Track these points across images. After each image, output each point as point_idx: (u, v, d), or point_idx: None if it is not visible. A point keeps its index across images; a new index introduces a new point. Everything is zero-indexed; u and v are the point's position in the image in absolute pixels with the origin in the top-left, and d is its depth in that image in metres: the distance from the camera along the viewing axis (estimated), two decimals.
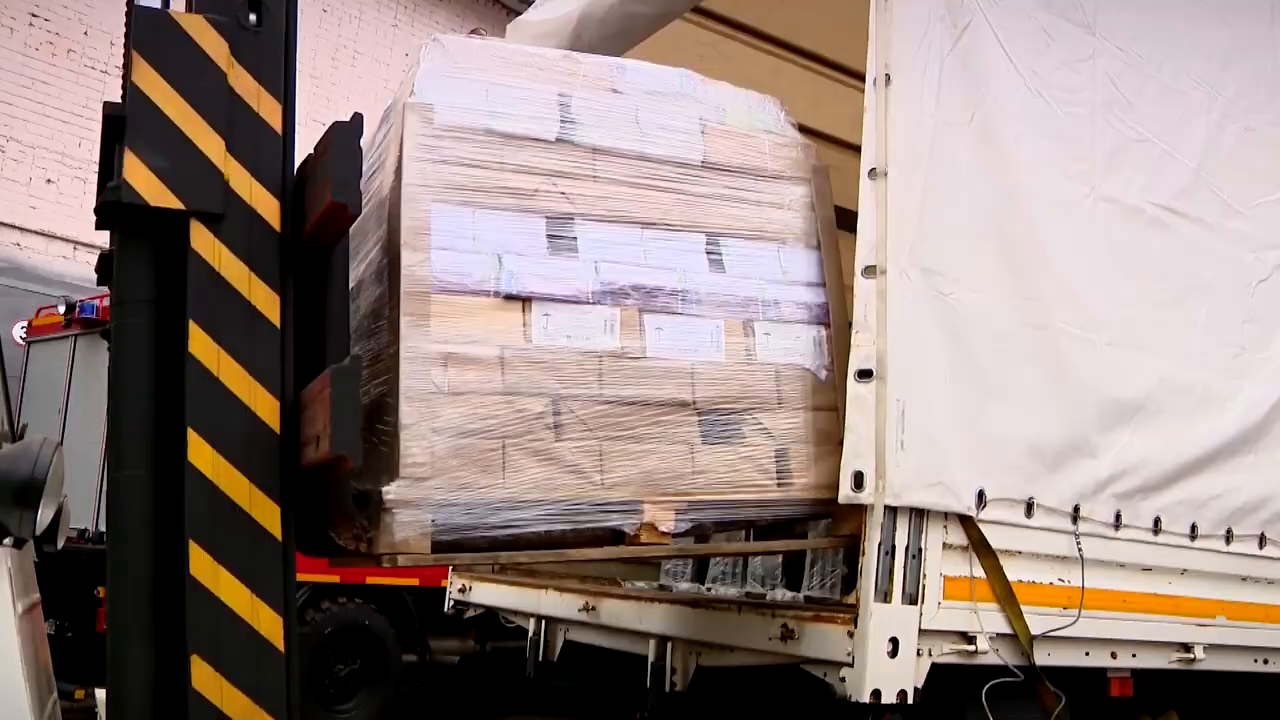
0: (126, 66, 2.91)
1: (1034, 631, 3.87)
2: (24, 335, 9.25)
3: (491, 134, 3.31)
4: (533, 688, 6.20)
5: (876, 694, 3.46)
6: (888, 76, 3.74)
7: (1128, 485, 4.27)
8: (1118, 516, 4.24)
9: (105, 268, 3.15)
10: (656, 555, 4.40)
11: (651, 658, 4.25)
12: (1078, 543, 4.07)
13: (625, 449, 3.32)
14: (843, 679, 3.50)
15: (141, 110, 2.78)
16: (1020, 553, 3.91)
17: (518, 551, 3.28)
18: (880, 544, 3.56)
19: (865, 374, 3.58)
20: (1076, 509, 4.09)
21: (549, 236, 3.35)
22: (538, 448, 3.20)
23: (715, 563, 5.52)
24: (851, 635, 3.51)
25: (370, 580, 8.73)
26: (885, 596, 3.55)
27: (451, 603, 5.67)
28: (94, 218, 2.98)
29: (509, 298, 3.24)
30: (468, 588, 5.56)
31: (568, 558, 3.57)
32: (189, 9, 2.97)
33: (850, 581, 4.39)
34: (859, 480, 3.53)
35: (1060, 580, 4.03)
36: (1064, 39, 4.30)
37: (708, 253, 3.60)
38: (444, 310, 3.13)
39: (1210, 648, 4.60)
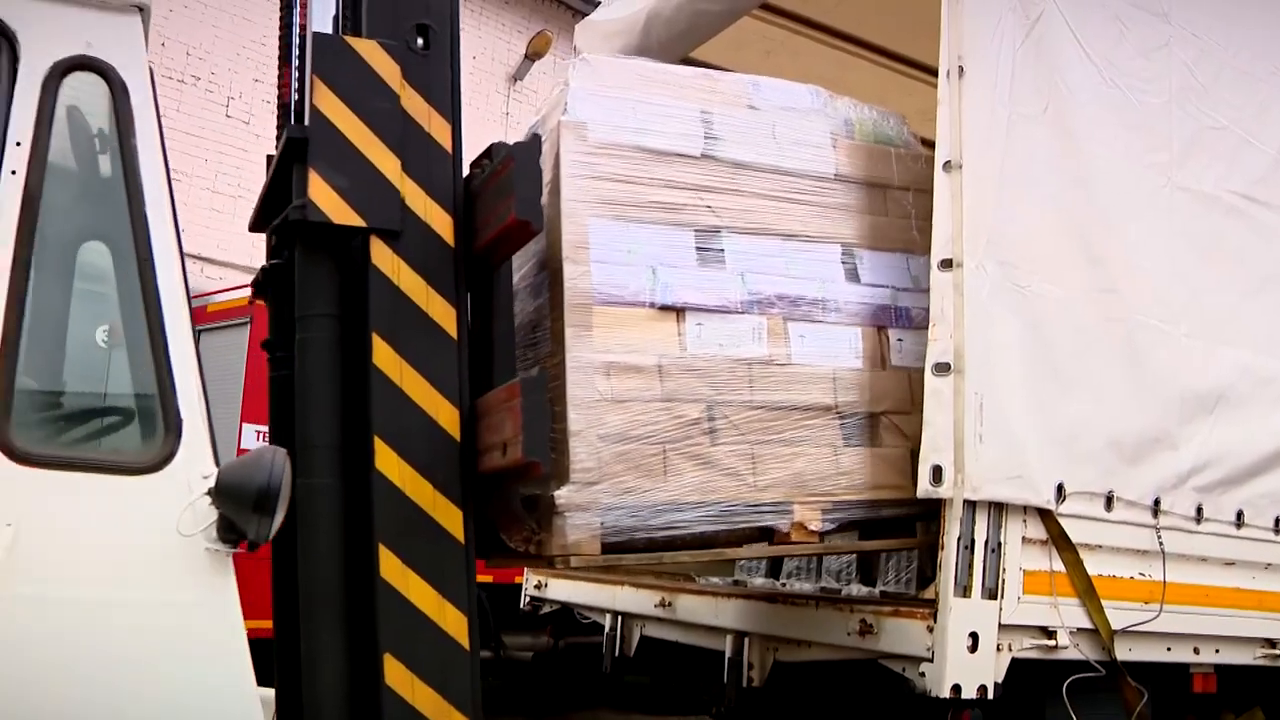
0: (294, 90, 3.21)
1: (1115, 626, 3.81)
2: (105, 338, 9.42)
3: (641, 150, 3.45)
4: (607, 683, 6.21)
5: (956, 689, 3.43)
6: (961, 68, 3.70)
7: (1209, 478, 4.19)
8: (1199, 510, 4.17)
9: (264, 283, 3.38)
10: (803, 553, 4.46)
11: (728, 653, 4.24)
12: (1159, 536, 4.00)
13: (775, 452, 3.45)
14: (922, 674, 3.47)
15: (323, 132, 2.92)
16: (1100, 547, 3.85)
17: (679, 551, 3.39)
18: (959, 538, 3.52)
19: (943, 368, 3.54)
20: (1157, 502, 4.02)
21: (697, 249, 3.50)
22: (695, 452, 3.33)
23: (790, 558, 5.49)
24: (931, 630, 3.47)
25: None
26: (965, 591, 3.51)
27: (528, 599, 5.70)
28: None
29: (663, 308, 3.39)
30: (544, 584, 5.59)
31: (724, 556, 3.75)
32: (338, 30, 3.16)
33: (926, 577, 4.36)
34: (938, 474, 3.50)
35: (1141, 574, 3.96)
36: (1138, 27, 4.23)
37: (843, 263, 3.75)
38: (605, 321, 3.27)
39: None
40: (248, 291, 8.88)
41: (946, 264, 3.61)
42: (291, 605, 2.92)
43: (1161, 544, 3.99)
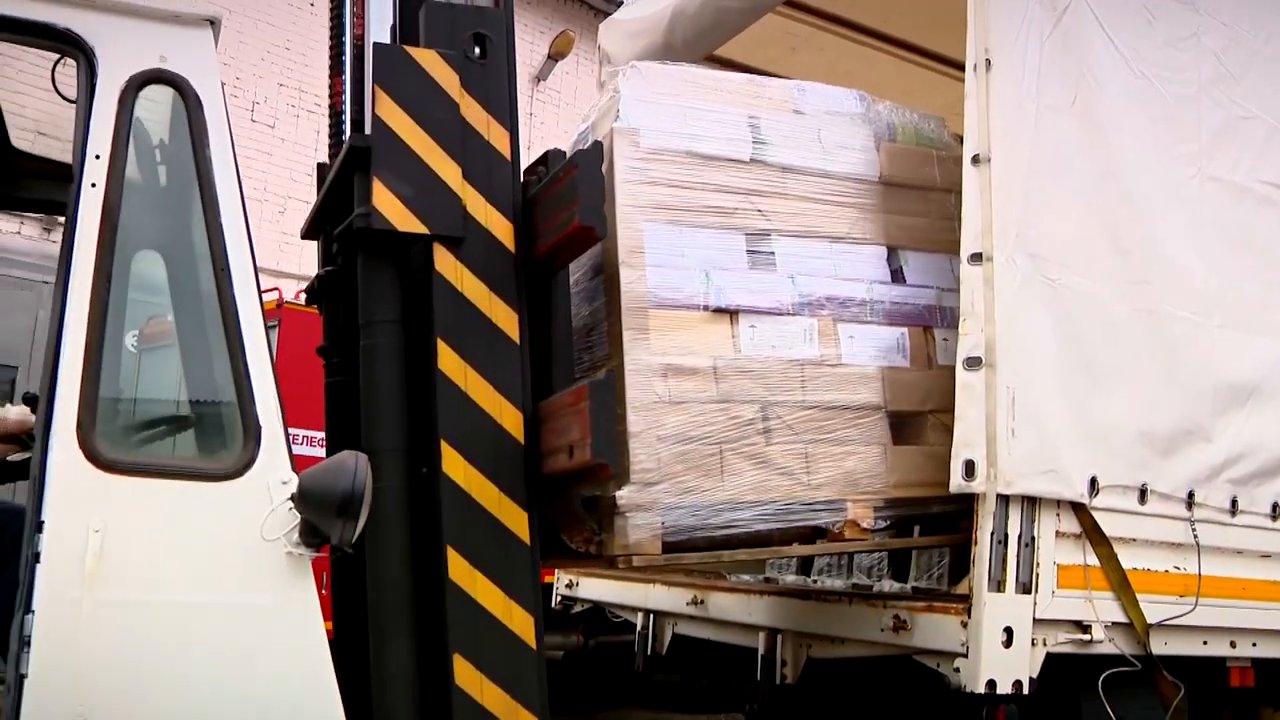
0: (346, 99, 3.32)
1: (1150, 620, 3.80)
2: (135, 343, 9.48)
3: (692, 155, 3.50)
4: (638, 682, 6.21)
5: (991, 684, 3.43)
6: (988, 61, 3.71)
7: (1243, 470, 4.18)
8: (1234, 502, 4.16)
9: (319, 290, 3.45)
10: (856, 550, 4.53)
11: (761, 650, 4.24)
12: (1193, 529, 3.99)
13: (828, 451, 3.50)
14: (957, 669, 3.47)
15: (386, 141, 2.98)
16: (1134, 540, 3.85)
17: (737, 550, 3.44)
18: (993, 533, 3.52)
19: (974, 362, 3.55)
20: (1191, 495, 4.02)
21: (748, 252, 3.55)
22: (751, 451, 3.37)
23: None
24: (965, 625, 3.47)
25: None
26: (999, 586, 3.51)
27: (559, 598, 5.71)
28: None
29: (717, 311, 3.44)
30: (575, 583, 5.60)
31: (781, 554, 3.92)
32: (395, 40, 3.22)
33: (957, 572, 4.35)
34: (970, 469, 3.50)
35: (1176, 568, 3.96)
36: (1166, 17, 4.22)
37: (889, 264, 3.80)
38: (661, 324, 3.32)
39: None
40: (274, 295, 8.93)
41: (976, 258, 3.62)
42: (353, 607, 2.99)
43: (1196, 537, 3.99)
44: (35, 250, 8.53)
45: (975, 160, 3.67)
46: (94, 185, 2.54)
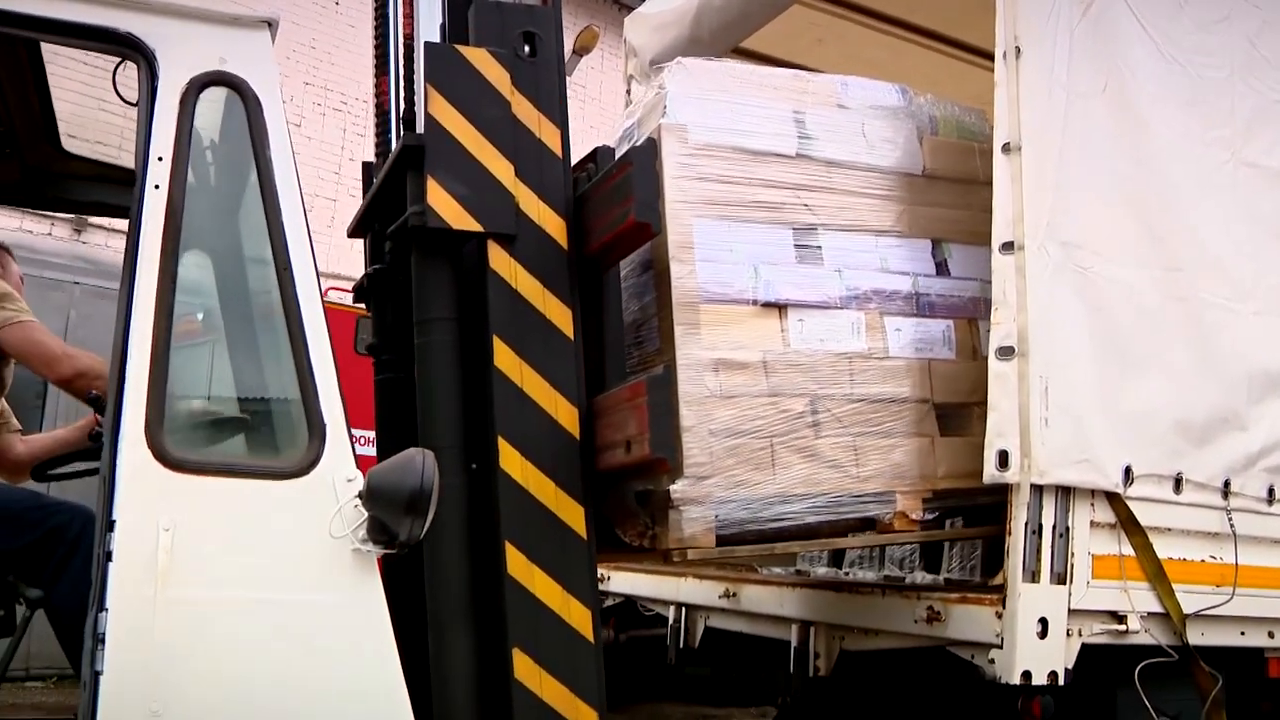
0: (392, 97, 3.38)
1: (1186, 610, 3.78)
2: None
3: (739, 151, 3.51)
4: (669, 675, 6.21)
5: (1027, 675, 3.42)
6: (1018, 49, 3.70)
7: None
8: (1270, 491, 4.16)
9: (367, 288, 3.49)
10: (905, 541, 4.51)
11: (794, 642, 4.24)
12: (1229, 519, 3.98)
13: (877, 443, 3.52)
14: (992, 660, 3.47)
15: (439, 140, 3.01)
16: (1170, 530, 3.84)
17: (789, 542, 3.50)
18: (1027, 523, 3.52)
19: (1006, 351, 3.54)
20: (1227, 484, 4.01)
21: (796, 246, 3.57)
22: (801, 445, 3.40)
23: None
24: (1000, 616, 3.47)
25: None
26: (1033, 576, 3.51)
27: None
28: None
29: (766, 305, 3.46)
30: (606, 577, 5.62)
31: (831, 546, 3.95)
32: (445, 39, 3.25)
33: (990, 563, 4.33)
34: (1004, 459, 3.50)
35: (1212, 557, 3.95)
36: (1198, 0, 4.16)
37: (934, 257, 3.82)
38: (712, 319, 3.34)
39: None
40: None
41: (1008, 247, 3.61)
42: (407, 602, 3.01)
43: (1233, 526, 3.98)
44: (66, 251, 8.59)
45: (1006, 149, 3.67)
46: (157, 187, 2.58)
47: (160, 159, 2.59)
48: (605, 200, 3.09)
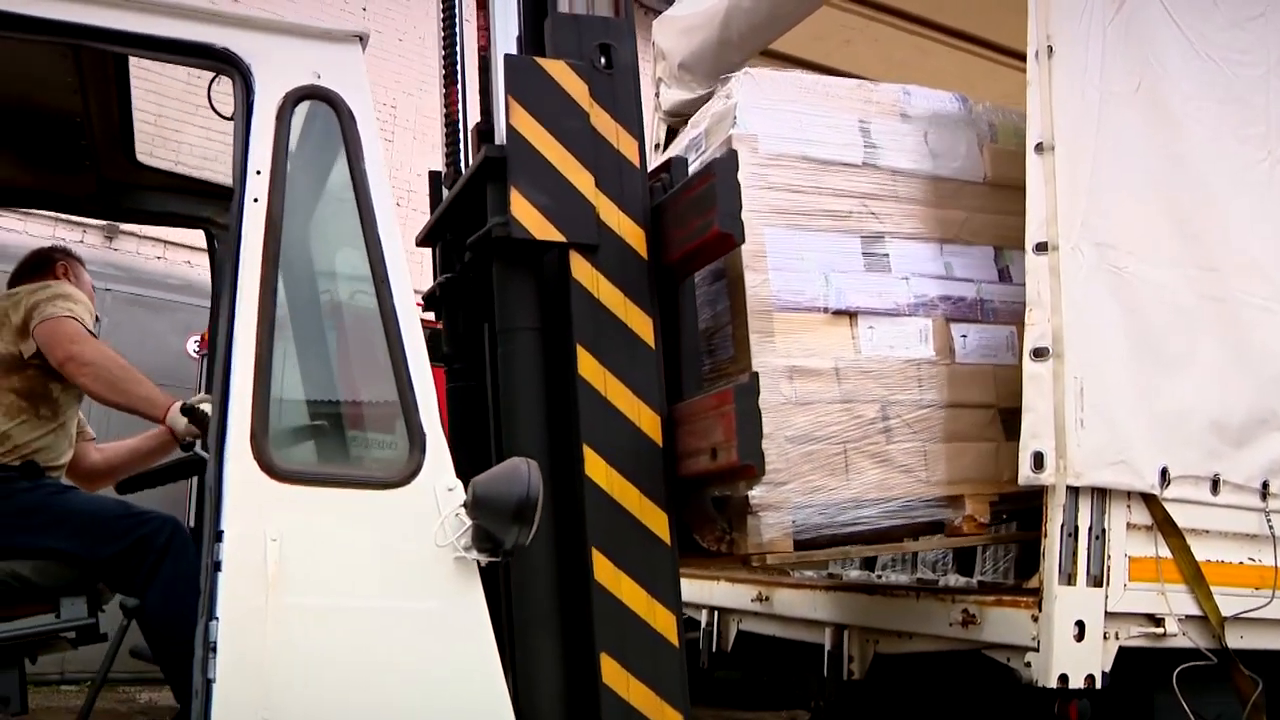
0: (461, 108, 3.50)
1: (1225, 613, 3.77)
2: (197, 349, 9.61)
3: (807, 160, 3.60)
4: (701, 680, 6.19)
5: (1063, 678, 3.42)
6: (1050, 48, 3.71)
7: None
8: None
9: (439, 297, 3.55)
10: (973, 543, 4.49)
11: (828, 646, 4.24)
12: (1268, 520, 3.97)
13: (945, 448, 3.60)
14: (1028, 664, 3.47)
15: (521, 151, 3.07)
16: (1208, 531, 3.83)
17: (863, 546, 3.59)
18: (1063, 525, 3.51)
19: (1041, 352, 3.54)
20: (1266, 485, 4.00)
21: (864, 254, 3.66)
22: (873, 450, 3.48)
23: None
24: (1036, 619, 3.47)
25: None
26: (1069, 579, 3.50)
27: None
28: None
29: (837, 313, 3.55)
30: None
31: (903, 550, 4.01)
32: (521, 50, 3.30)
33: (1024, 565, 4.30)
34: (1039, 461, 3.49)
35: (1251, 559, 3.93)
36: None
37: (996, 264, 3.88)
38: (785, 327, 3.43)
39: None
40: None
41: (1041, 247, 3.62)
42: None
43: (1271, 528, 3.97)
44: (98, 259, 8.65)
45: (1039, 149, 3.68)
46: (256, 200, 2.63)
47: (259, 172, 2.65)
48: (687, 210, 3.15)
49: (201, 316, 10.55)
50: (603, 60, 3.22)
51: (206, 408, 2.95)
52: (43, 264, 3.89)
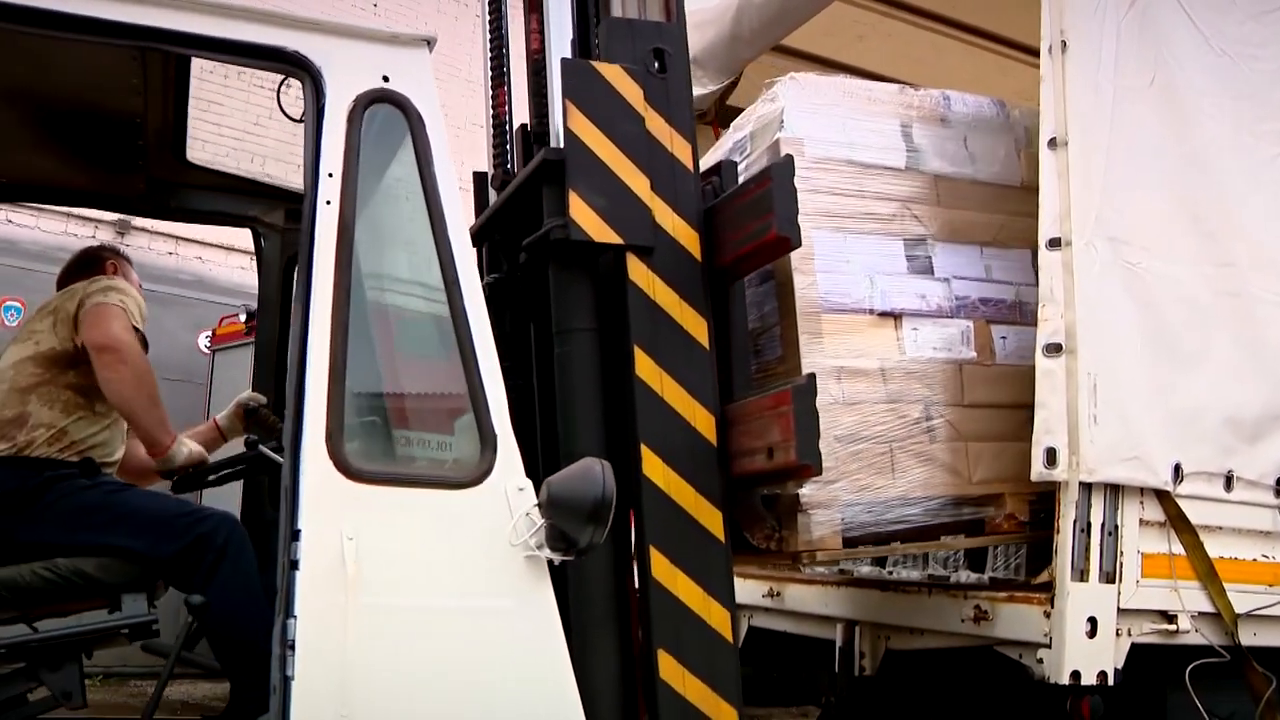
0: (508, 109, 3.56)
1: (1238, 610, 3.76)
2: (209, 344, 9.65)
3: (852, 164, 3.68)
4: None
5: (1076, 675, 3.44)
6: (1064, 43, 3.72)
7: None
8: None
9: (487, 297, 3.57)
10: (1012, 541, 4.41)
11: (839, 642, 4.27)
12: None
13: (987, 448, 3.68)
14: (1040, 660, 3.50)
15: (579, 154, 3.11)
16: (1221, 528, 3.85)
17: (909, 543, 3.67)
18: (1075, 521, 3.54)
19: (1054, 348, 3.56)
20: (1279, 482, 3.90)
21: (907, 257, 3.75)
22: (918, 450, 3.57)
23: None
24: (1048, 616, 3.48)
25: None
26: (1082, 575, 3.52)
27: None
28: None
29: (882, 314, 3.65)
30: None
31: (947, 547, 4.02)
32: (574, 54, 3.37)
33: (1036, 562, 4.29)
34: (1052, 457, 3.51)
35: (1265, 556, 3.96)
36: None
37: (1033, 267, 3.87)
38: (833, 328, 3.51)
39: None
40: None
41: (1055, 243, 3.64)
42: None
43: None
44: None
45: (1052, 144, 3.70)
46: (328, 202, 2.68)
47: (330, 175, 2.69)
48: (742, 214, 3.20)
49: (213, 312, 10.65)
50: (656, 64, 3.27)
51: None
52: (92, 262, 3.92)
